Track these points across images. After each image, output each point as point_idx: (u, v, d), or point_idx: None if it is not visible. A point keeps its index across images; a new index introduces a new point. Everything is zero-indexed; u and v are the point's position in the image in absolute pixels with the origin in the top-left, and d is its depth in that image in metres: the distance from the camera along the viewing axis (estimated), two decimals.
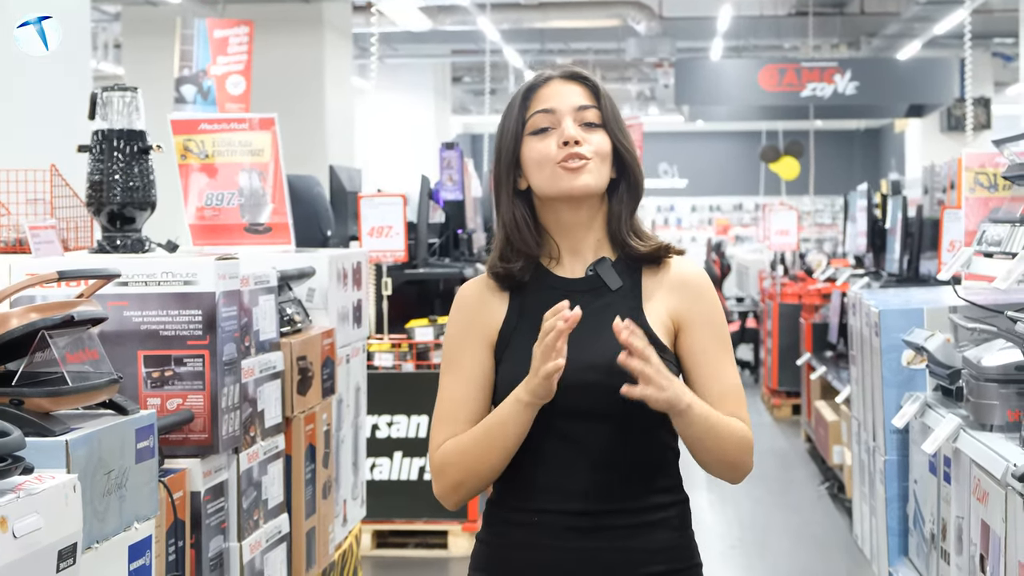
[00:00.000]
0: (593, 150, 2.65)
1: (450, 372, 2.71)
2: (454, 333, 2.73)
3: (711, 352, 2.68)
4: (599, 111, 2.68)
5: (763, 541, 8.29)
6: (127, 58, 15.55)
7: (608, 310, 2.61)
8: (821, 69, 17.44)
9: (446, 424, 2.67)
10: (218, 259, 3.39)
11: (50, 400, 2.62)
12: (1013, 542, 2.89)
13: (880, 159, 32.09)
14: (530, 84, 2.73)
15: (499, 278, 2.71)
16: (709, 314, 2.70)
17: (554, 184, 2.64)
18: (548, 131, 2.66)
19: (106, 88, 4.42)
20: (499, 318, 2.70)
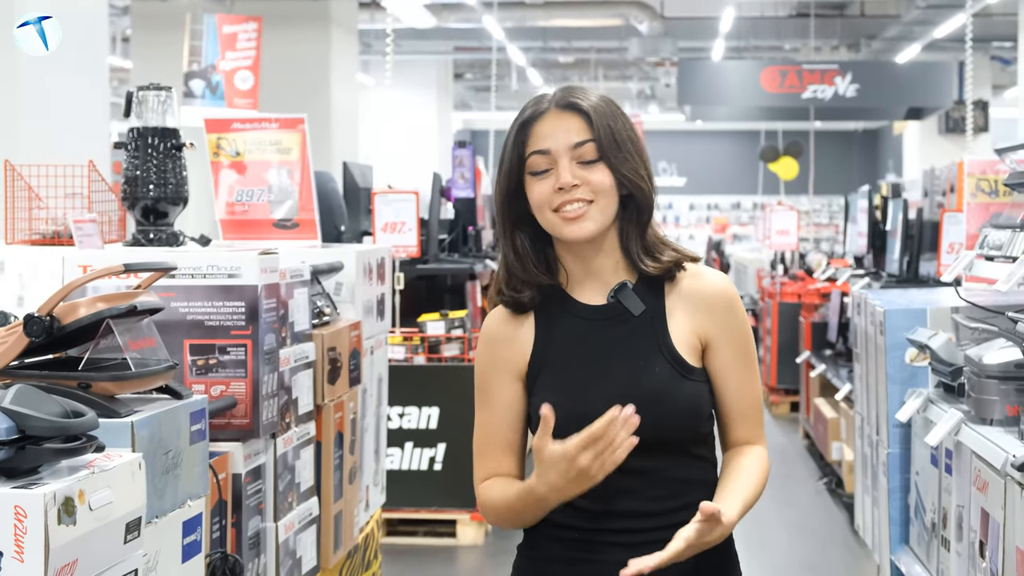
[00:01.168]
0: (592, 191, 2.61)
1: (482, 406, 2.75)
2: (482, 367, 2.75)
3: (736, 369, 2.68)
4: (595, 143, 2.62)
5: (762, 534, 8.46)
6: (136, 52, 15.70)
7: (633, 336, 2.64)
8: (822, 71, 17.61)
9: (485, 458, 2.73)
10: (260, 253, 3.57)
11: (115, 384, 2.80)
12: (1011, 528, 3.07)
13: (878, 160, 32.26)
14: (525, 118, 2.68)
15: (510, 306, 2.73)
16: (734, 329, 2.70)
17: (555, 230, 2.63)
18: (547, 173, 2.62)
19: (141, 87, 4.59)
20: (527, 349, 2.70)
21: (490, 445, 2.73)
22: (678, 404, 2.61)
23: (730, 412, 2.71)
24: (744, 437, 2.72)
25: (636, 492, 2.62)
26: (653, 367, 2.62)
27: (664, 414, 2.59)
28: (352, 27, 16.43)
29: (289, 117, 4.89)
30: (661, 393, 2.60)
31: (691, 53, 21.78)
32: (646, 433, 2.49)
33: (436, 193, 8.25)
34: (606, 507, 2.62)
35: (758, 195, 29.59)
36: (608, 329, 2.65)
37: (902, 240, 7.94)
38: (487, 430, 2.73)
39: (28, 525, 2.22)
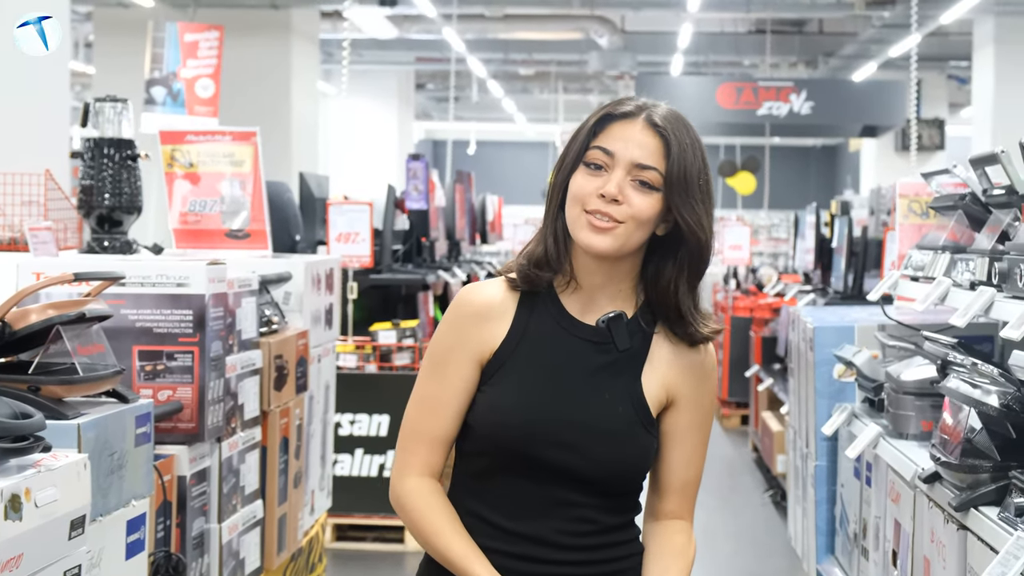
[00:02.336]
0: (630, 214, 2.48)
1: (432, 377, 2.58)
2: (447, 338, 2.59)
3: (691, 437, 2.60)
4: (661, 175, 2.49)
5: (707, 544, 8.61)
6: (98, 58, 15.77)
7: (609, 370, 2.55)
8: (777, 88, 17.79)
9: (425, 445, 2.57)
10: (208, 264, 3.70)
11: (63, 388, 2.93)
12: (919, 538, 3.23)
13: (836, 176, 32.50)
14: (610, 112, 2.56)
15: (522, 277, 2.58)
16: (702, 398, 2.62)
17: (575, 229, 2.51)
18: (600, 171, 2.50)
19: (98, 99, 4.71)
20: (497, 337, 2.57)
21: (432, 431, 2.56)
22: (629, 449, 2.53)
23: (671, 480, 2.63)
24: (678, 510, 2.65)
25: (554, 520, 2.53)
26: (618, 406, 2.53)
27: (611, 455, 2.51)
28: (314, 37, 16.54)
29: (242, 130, 5.02)
30: (617, 433, 2.53)
31: (651, 67, 21.96)
32: (586, 467, 2.49)
33: (390, 204, 8.38)
34: (519, 528, 2.53)
35: (717, 209, 29.72)
36: (587, 352, 2.55)
37: (847, 257, 8.09)
38: (435, 412, 2.57)
39: None
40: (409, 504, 2.56)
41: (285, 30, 15.47)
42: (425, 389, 2.59)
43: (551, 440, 2.49)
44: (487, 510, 2.55)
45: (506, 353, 2.55)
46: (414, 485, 2.56)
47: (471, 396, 2.56)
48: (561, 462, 2.49)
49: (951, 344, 3.19)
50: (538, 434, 2.48)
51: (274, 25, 15.40)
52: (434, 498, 2.56)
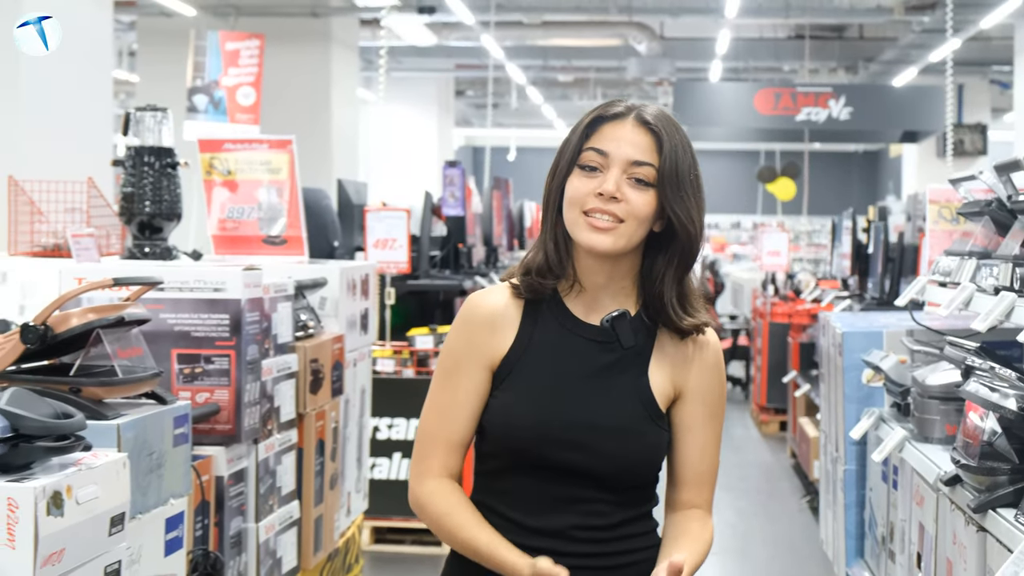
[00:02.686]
0: (629, 211, 2.52)
1: (445, 387, 2.62)
2: (457, 346, 2.63)
3: (703, 429, 2.64)
4: (655, 170, 2.54)
5: (743, 549, 8.66)
6: (141, 66, 15.93)
7: (615, 368, 2.58)
8: (816, 94, 17.79)
9: (442, 448, 2.61)
10: (244, 269, 3.78)
11: (103, 389, 3.02)
12: (942, 540, 3.28)
13: (878, 181, 32.46)
14: (600, 114, 2.60)
15: (526, 287, 2.62)
16: (712, 389, 2.65)
17: (575, 231, 2.55)
18: (595, 172, 2.55)
19: (139, 108, 4.81)
20: (505, 344, 2.61)
21: (448, 436, 2.60)
22: (637, 445, 2.56)
23: (686, 471, 2.65)
24: (695, 500, 2.67)
25: (569, 516, 2.56)
26: (626, 403, 2.57)
27: (622, 452, 2.55)
28: (353, 44, 16.65)
29: (279, 138, 5.11)
30: (625, 430, 2.56)
31: (690, 73, 22.00)
32: (598, 464, 2.52)
33: (427, 211, 8.46)
34: (535, 524, 2.57)
35: (757, 215, 29.77)
36: (593, 352, 2.59)
37: (883, 263, 8.13)
38: (446, 417, 2.61)
39: (19, 516, 2.43)
40: (430, 505, 2.60)
41: (325, 38, 15.59)
42: (439, 396, 2.62)
43: (562, 441, 2.53)
44: (504, 507, 2.59)
45: (514, 358, 2.59)
46: (434, 487, 2.60)
47: (484, 400, 2.60)
48: (573, 461, 2.53)
49: (972, 349, 3.24)
50: (549, 436, 2.52)
51: (314, 33, 15.51)
52: (454, 496, 2.59)
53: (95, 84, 8.75)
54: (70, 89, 8.28)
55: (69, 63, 8.36)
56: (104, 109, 9.01)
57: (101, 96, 8.91)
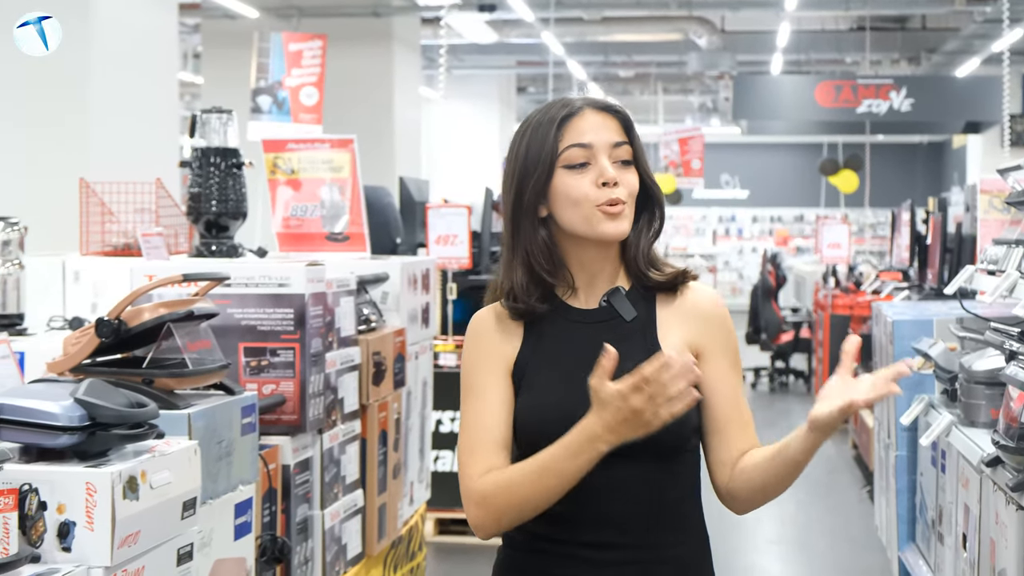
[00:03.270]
0: (629, 192, 2.58)
1: (474, 399, 2.62)
2: (473, 361, 2.64)
3: (730, 381, 2.64)
4: (631, 147, 2.61)
5: (802, 538, 8.75)
6: (206, 68, 16.14)
7: (624, 342, 2.53)
8: (877, 86, 17.78)
9: (480, 453, 2.57)
10: (307, 265, 3.92)
11: (175, 380, 3.16)
12: (986, 520, 3.37)
13: (943, 172, 32.28)
14: (565, 113, 2.61)
15: (517, 313, 2.62)
16: (726, 342, 2.66)
17: (590, 226, 2.57)
18: (585, 167, 2.57)
19: (205, 110, 4.95)
20: (515, 347, 2.62)
21: (485, 440, 2.57)
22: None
23: (732, 423, 2.63)
24: (750, 444, 2.63)
25: (615, 503, 2.54)
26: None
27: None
28: (415, 43, 16.80)
29: (340, 138, 5.24)
30: None
31: (750, 67, 22.01)
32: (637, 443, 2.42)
33: (488, 207, 8.59)
34: (582, 514, 2.53)
35: (820, 207, 29.71)
36: (598, 333, 2.57)
37: (940, 253, 8.18)
38: (481, 424, 2.59)
39: (98, 499, 2.57)
40: (488, 483, 2.52)
41: (387, 37, 15.74)
42: (469, 414, 2.62)
43: None
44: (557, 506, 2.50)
45: (526, 360, 2.60)
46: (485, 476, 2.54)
47: (510, 405, 2.59)
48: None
49: (1014, 334, 3.33)
50: (572, 423, 2.43)
51: (376, 33, 15.67)
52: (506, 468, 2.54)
53: (162, 87, 8.93)
54: (137, 92, 8.46)
55: (136, 66, 8.55)
56: (170, 111, 9.19)
57: (168, 98, 9.08)
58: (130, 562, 2.65)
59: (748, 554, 8.20)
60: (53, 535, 2.57)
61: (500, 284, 2.67)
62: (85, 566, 2.54)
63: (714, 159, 29.54)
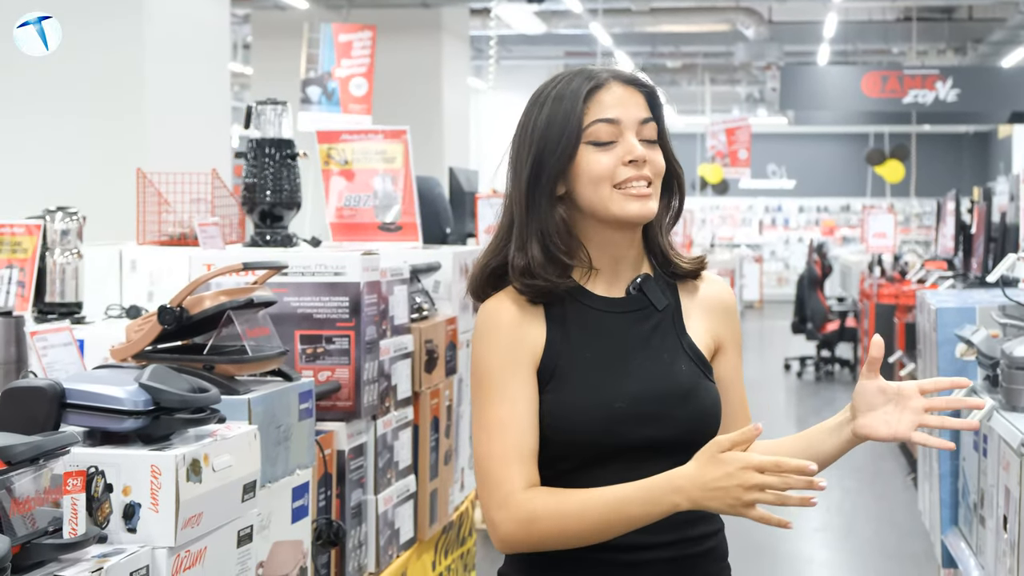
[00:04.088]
0: (656, 171, 2.47)
1: (499, 402, 2.43)
2: (495, 357, 2.45)
3: (739, 375, 2.61)
4: (656, 125, 2.50)
5: (848, 525, 8.81)
6: (255, 59, 16.27)
7: (657, 332, 2.49)
8: (923, 76, 17.77)
9: (518, 464, 2.40)
10: (363, 254, 4.01)
11: (235, 366, 3.25)
12: None
13: (988, 162, 32.20)
14: (591, 86, 2.48)
15: (536, 292, 2.47)
16: (738, 334, 2.62)
17: (614, 207, 2.45)
18: (610, 145, 2.45)
19: (260, 102, 5.05)
20: (540, 340, 2.46)
21: (518, 450, 2.40)
22: (704, 404, 2.46)
23: (737, 416, 2.59)
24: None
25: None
26: (680, 364, 2.48)
27: (691, 414, 2.44)
28: (463, 34, 16.89)
29: (393, 128, 5.34)
30: (688, 391, 2.46)
31: (798, 57, 22.03)
32: (670, 432, 2.41)
33: None
34: None
35: (867, 197, 29.68)
36: (630, 323, 2.49)
37: (985, 242, 8.22)
38: (513, 431, 2.41)
39: (162, 482, 2.66)
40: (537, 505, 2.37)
41: (436, 28, 15.83)
42: (494, 414, 2.43)
43: (632, 417, 2.41)
44: None
45: (554, 354, 2.45)
46: (530, 493, 2.39)
47: (537, 408, 2.43)
48: (646, 438, 2.40)
49: None
50: (617, 415, 2.39)
51: (425, 24, 15.76)
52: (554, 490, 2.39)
53: (214, 78, 9.05)
54: (191, 84, 8.57)
55: (190, 58, 8.67)
56: (222, 102, 9.31)
57: (220, 89, 9.20)
58: (193, 543, 2.75)
59: (794, 541, 8.27)
60: (119, 516, 2.66)
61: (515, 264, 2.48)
62: (150, 547, 2.63)
63: (761, 149, 29.53)
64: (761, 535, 2.67)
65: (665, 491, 2.27)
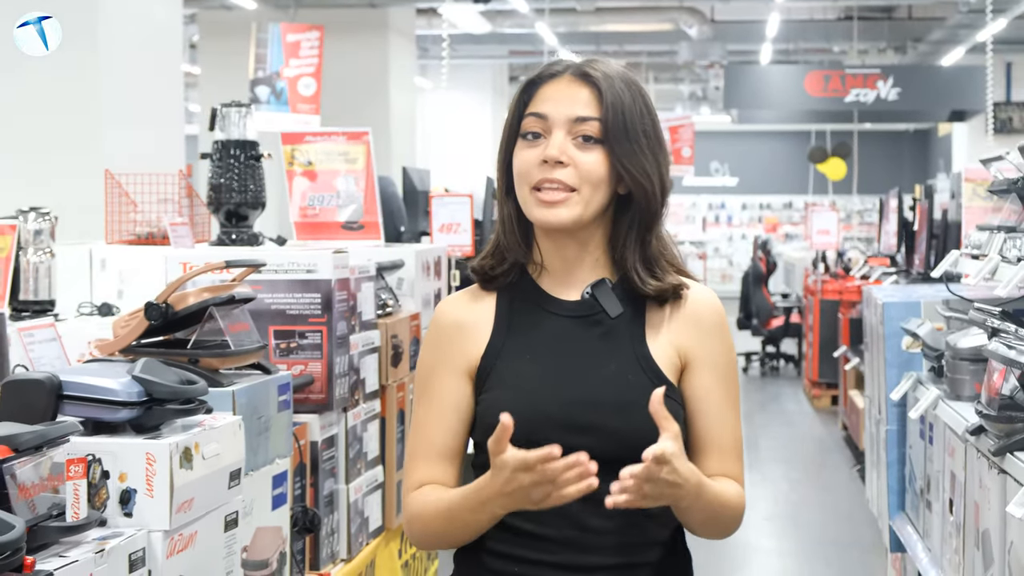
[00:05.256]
0: (580, 176, 2.30)
1: (424, 403, 2.43)
2: (427, 359, 2.45)
3: (716, 398, 2.39)
4: (601, 124, 2.31)
5: (795, 515, 9.01)
6: (203, 59, 16.33)
7: (607, 340, 2.35)
8: (864, 75, 18.04)
9: (419, 463, 2.40)
10: (334, 252, 4.15)
11: (218, 360, 3.39)
12: (970, 485, 3.62)
13: (929, 160, 32.57)
14: (534, 77, 2.39)
15: (484, 277, 2.44)
16: (720, 353, 2.40)
17: (527, 209, 2.35)
18: (539, 139, 2.33)
19: (224, 104, 5.18)
20: (481, 343, 2.40)
21: (426, 449, 2.39)
22: (649, 418, 2.18)
23: (707, 443, 2.39)
24: (721, 469, 2.39)
25: (583, 518, 2.30)
26: (626, 375, 2.32)
27: (631, 428, 2.25)
28: (410, 33, 17.02)
29: (355, 130, 5.47)
30: (630, 403, 2.28)
31: (741, 56, 22.26)
32: (606, 446, 2.24)
33: (489, 196, 8.82)
34: (547, 532, 2.32)
35: (809, 195, 29.98)
36: (578, 328, 2.37)
37: (927, 239, 8.42)
38: (426, 431, 2.40)
39: (157, 468, 2.80)
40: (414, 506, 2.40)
41: (383, 28, 15.94)
42: (417, 417, 2.45)
43: (560, 427, 2.27)
44: (512, 518, 2.30)
45: (494, 355, 2.38)
46: (416, 492, 2.41)
47: (465, 409, 2.40)
48: (578, 446, 2.18)
49: (995, 313, 3.57)
50: (548, 422, 2.27)
51: (372, 23, 15.87)
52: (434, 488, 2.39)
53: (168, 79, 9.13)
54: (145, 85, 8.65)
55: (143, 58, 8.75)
56: (176, 102, 9.38)
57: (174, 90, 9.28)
58: (185, 527, 2.89)
59: (743, 531, 8.43)
60: (115, 502, 2.80)
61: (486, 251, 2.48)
62: (146, 530, 2.78)
63: (704, 147, 29.76)
64: None
65: (479, 502, 2.25)
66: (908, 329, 4.77)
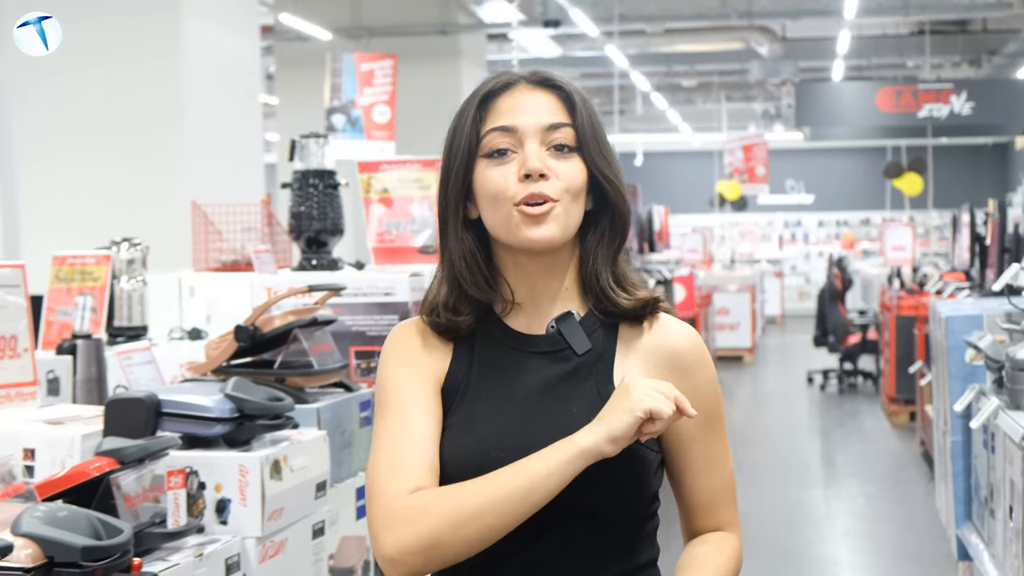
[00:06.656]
0: (562, 187, 2.08)
1: (399, 414, 2.10)
2: (395, 372, 2.14)
3: (703, 440, 2.17)
4: (574, 130, 2.12)
5: (870, 530, 9.10)
6: (280, 89, 16.62)
7: (570, 379, 2.11)
8: (937, 90, 18.03)
9: (408, 471, 2.04)
10: (410, 276, 4.33)
11: (303, 379, 3.59)
12: None
13: (1008, 174, 32.40)
14: (488, 90, 2.16)
15: (441, 329, 2.16)
16: (701, 392, 2.15)
17: (510, 231, 2.08)
18: (507, 155, 2.10)
19: (303, 136, 5.38)
20: (444, 364, 2.16)
21: (414, 458, 2.06)
22: (613, 466, 2.01)
23: (697, 493, 2.19)
24: (714, 523, 2.21)
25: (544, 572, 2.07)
26: (586, 418, 2.02)
27: (590, 476, 2.00)
28: (481, 59, 17.23)
29: (428, 159, 5.65)
30: None
31: (812, 73, 22.31)
32: (568, 496, 1.99)
33: None
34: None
35: (886, 210, 29.91)
36: (541, 365, 2.13)
37: (999, 253, 8.51)
38: (407, 439, 2.07)
39: (249, 479, 2.99)
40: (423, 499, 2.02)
41: (455, 54, 16.16)
42: (388, 429, 2.11)
43: None
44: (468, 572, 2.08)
45: (455, 387, 2.14)
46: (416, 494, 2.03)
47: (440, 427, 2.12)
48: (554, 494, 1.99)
49: None
50: (491, 466, 2.02)
51: (444, 50, 16.08)
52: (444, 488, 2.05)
53: (247, 110, 9.37)
54: (226, 117, 8.89)
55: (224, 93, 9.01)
56: (255, 133, 9.62)
57: (253, 121, 9.53)
58: (276, 534, 3.08)
59: (820, 546, 8.56)
60: (212, 510, 3.00)
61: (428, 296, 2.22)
62: (240, 537, 2.97)
63: (779, 165, 29.78)
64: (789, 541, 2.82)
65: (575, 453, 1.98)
66: (971, 342, 4.88)
